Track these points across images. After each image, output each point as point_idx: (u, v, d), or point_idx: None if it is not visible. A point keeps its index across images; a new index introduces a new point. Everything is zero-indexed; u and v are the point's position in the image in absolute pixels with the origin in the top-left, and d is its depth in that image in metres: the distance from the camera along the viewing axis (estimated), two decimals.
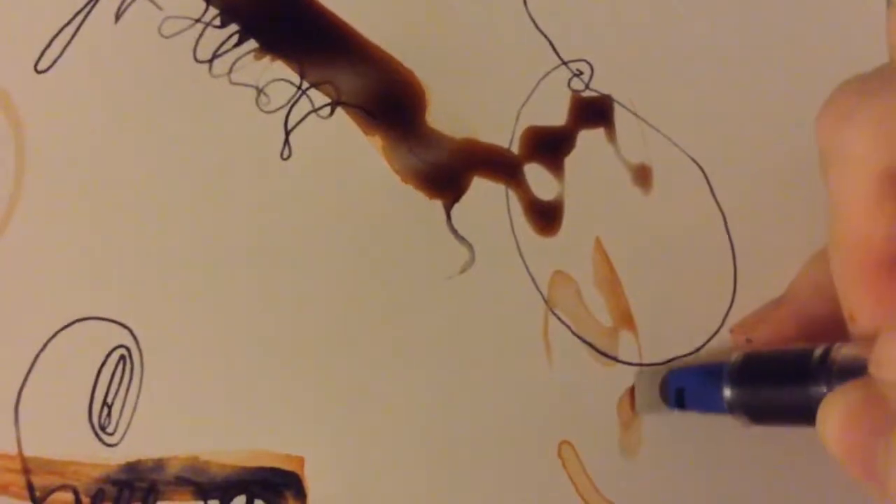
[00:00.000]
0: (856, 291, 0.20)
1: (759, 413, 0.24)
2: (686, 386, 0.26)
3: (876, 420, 0.18)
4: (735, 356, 0.25)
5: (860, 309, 0.20)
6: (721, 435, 0.28)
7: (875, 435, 0.18)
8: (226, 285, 0.28)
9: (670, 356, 0.28)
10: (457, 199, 0.29)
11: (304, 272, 0.28)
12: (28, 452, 0.26)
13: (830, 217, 0.20)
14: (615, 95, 0.30)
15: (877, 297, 0.19)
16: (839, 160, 0.20)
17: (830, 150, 0.20)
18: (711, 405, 0.25)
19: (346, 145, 0.29)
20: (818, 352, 0.21)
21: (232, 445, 0.27)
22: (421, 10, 0.30)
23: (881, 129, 0.19)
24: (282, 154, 0.29)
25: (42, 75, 0.29)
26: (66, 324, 0.27)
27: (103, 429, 0.27)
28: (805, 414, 0.20)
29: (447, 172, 0.29)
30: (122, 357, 0.27)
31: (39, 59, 0.29)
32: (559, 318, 0.28)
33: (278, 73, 0.29)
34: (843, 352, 0.21)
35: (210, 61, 0.29)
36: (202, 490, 0.26)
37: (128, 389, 0.27)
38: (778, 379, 0.23)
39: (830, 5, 0.31)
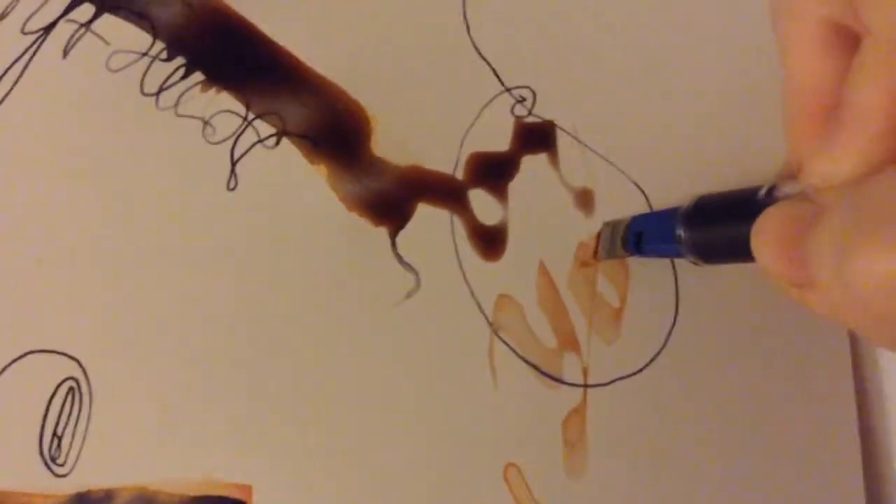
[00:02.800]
0: (800, 136, 0.21)
1: (709, 251, 0.25)
2: (644, 230, 0.27)
3: (805, 218, 0.19)
4: (689, 201, 0.25)
5: (804, 151, 0.20)
6: (664, 454, 0.28)
7: (805, 228, 0.18)
8: (173, 316, 0.28)
9: (615, 377, 0.29)
10: (402, 226, 0.29)
11: (251, 301, 0.28)
12: None
13: (782, 71, 0.21)
14: (558, 121, 0.30)
15: (819, 138, 0.20)
16: (786, 12, 0.21)
17: (777, 3, 0.21)
18: (666, 248, 0.26)
19: (291, 175, 0.29)
20: (763, 190, 0.22)
21: (181, 475, 0.27)
22: (365, 40, 0.30)
23: None
24: (228, 185, 0.29)
25: None
26: (15, 357, 0.27)
27: (53, 460, 0.27)
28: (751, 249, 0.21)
29: (392, 200, 0.29)
30: (71, 388, 0.27)
31: None
32: (504, 342, 0.29)
33: (224, 105, 0.29)
34: (787, 187, 0.21)
35: (157, 94, 0.29)
36: None
37: (77, 420, 0.27)
38: (727, 217, 0.23)
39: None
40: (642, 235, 0.28)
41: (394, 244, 0.29)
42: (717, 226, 0.24)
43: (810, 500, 0.28)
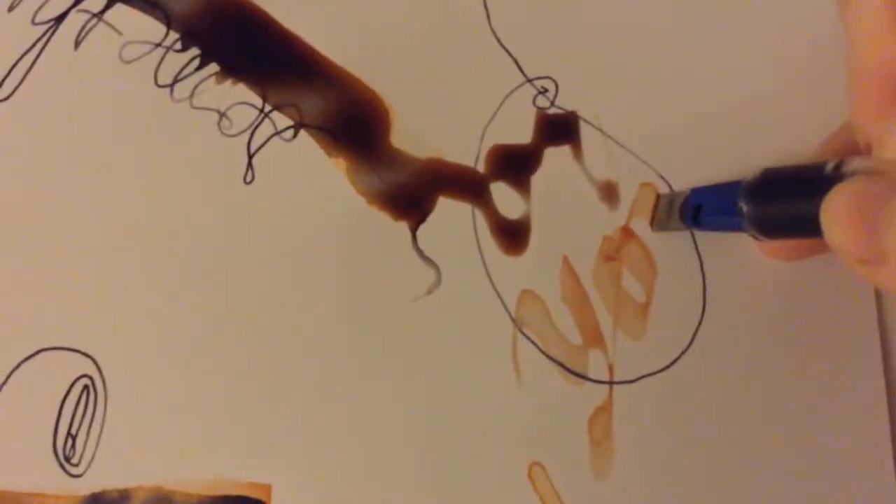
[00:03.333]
0: (873, 114, 0.21)
1: (772, 226, 0.24)
2: (704, 202, 0.27)
3: (879, 194, 0.19)
4: (753, 174, 0.25)
5: (877, 128, 0.20)
6: (691, 453, 0.28)
7: (879, 205, 0.19)
8: (189, 312, 0.27)
9: (641, 373, 0.28)
10: (422, 219, 0.29)
11: (269, 297, 0.28)
12: None
13: (847, 53, 0.21)
14: (581, 112, 0.30)
15: (892, 114, 0.20)
16: None
17: None
18: (726, 221, 0.26)
19: (309, 168, 0.29)
20: (831, 165, 0.22)
21: (197, 474, 0.26)
22: (383, 30, 0.30)
23: None
24: (245, 178, 0.28)
25: (3, 103, 0.28)
26: (29, 354, 0.27)
27: (68, 460, 0.26)
28: (817, 224, 0.21)
29: (412, 193, 0.29)
30: (85, 387, 0.27)
31: (0, 86, 0.28)
32: (528, 338, 0.28)
33: (240, 97, 0.29)
34: (856, 163, 0.21)
35: (171, 86, 0.29)
36: None
37: (92, 419, 0.27)
38: (792, 192, 0.23)
39: (799, 23, 0.31)
40: (701, 208, 0.27)
41: (414, 238, 0.28)
42: (781, 201, 0.24)
43: (839, 500, 0.28)
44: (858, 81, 0.21)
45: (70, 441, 0.26)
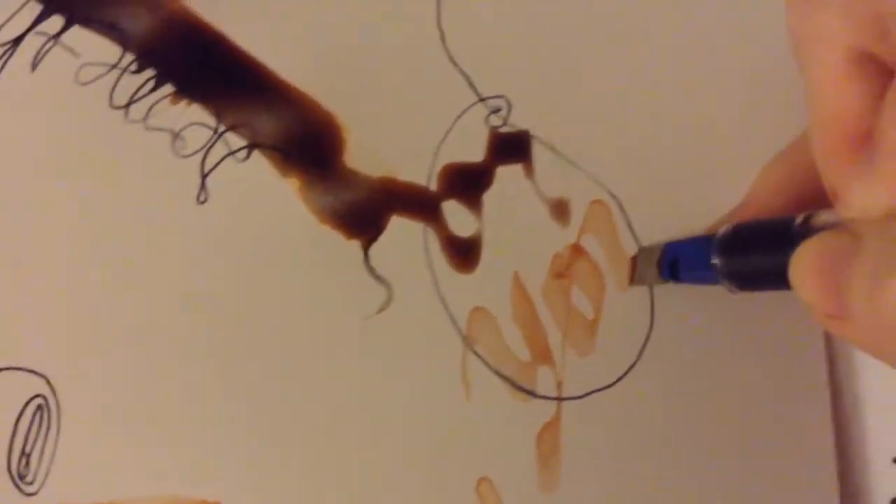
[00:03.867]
0: (834, 166, 0.21)
1: (745, 280, 0.25)
2: (680, 257, 0.27)
3: (843, 250, 0.19)
4: (724, 227, 0.25)
5: (839, 182, 0.20)
6: (638, 467, 0.28)
7: (843, 262, 0.19)
8: (141, 331, 0.28)
9: (589, 389, 0.29)
10: (375, 238, 0.29)
11: (222, 316, 0.28)
12: None
13: (807, 100, 0.21)
14: (533, 131, 0.30)
15: (853, 167, 0.20)
16: (810, 40, 0.20)
17: (801, 31, 0.21)
18: (702, 275, 0.26)
19: (262, 187, 0.29)
20: (800, 219, 0.22)
21: (150, 491, 0.27)
22: (338, 50, 0.30)
23: (848, 10, 0.20)
24: (198, 198, 0.29)
25: None
26: None
27: (22, 478, 0.27)
28: (787, 277, 0.22)
29: (365, 212, 0.29)
30: (39, 406, 0.27)
31: None
32: (477, 355, 0.28)
33: (194, 117, 0.29)
34: (823, 217, 0.22)
35: (126, 107, 0.29)
36: None
37: (45, 438, 0.27)
38: (763, 246, 0.24)
39: (757, 43, 0.31)
40: (678, 262, 0.27)
41: (366, 257, 0.29)
42: (752, 254, 0.24)
43: None
44: (819, 130, 0.21)
45: (24, 460, 0.27)
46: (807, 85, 0.21)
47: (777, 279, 0.22)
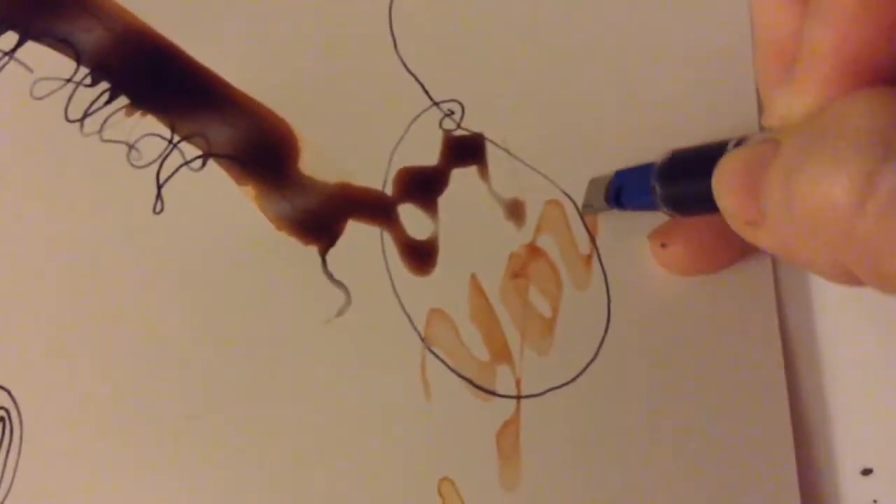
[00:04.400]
0: (765, 81, 0.22)
1: (681, 204, 0.26)
2: (625, 184, 0.28)
3: (763, 157, 0.20)
4: (663, 154, 0.26)
5: (766, 94, 0.22)
6: (597, 464, 0.28)
7: (761, 168, 0.20)
8: (102, 343, 0.28)
9: (548, 387, 0.29)
10: (332, 243, 0.29)
11: (181, 325, 0.28)
12: None
13: (752, 25, 0.23)
14: (487, 133, 0.31)
15: (780, 78, 0.21)
16: None
17: None
18: (644, 201, 0.27)
19: (218, 196, 0.29)
20: (733, 142, 0.23)
21: None
22: (290, 58, 0.30)
23: None
24: (154, 208, 0.29)
25: None
26: None
27: None
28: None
29: (322, 218, 0.29)
30: (1, 419, 0.27)
31: None
32: (436, 356, 0.29)
33: (149, 128, 0.29)
34: (755, 138, 0.22)
35: (81, 120, 0.29)
36: None
37: (8, 452, 0.27)
38: (698, 170, 0.24)
39: (702, 41, 0.32)
40: (622, 189, 0.28)
41: (324, 262, 0.29)
42: (689, 178, 0.25)
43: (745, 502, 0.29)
44: (758, 54, 0.23)
45: None
46: (752, 11, 0.23)
47: (710, 202, 0.22)
